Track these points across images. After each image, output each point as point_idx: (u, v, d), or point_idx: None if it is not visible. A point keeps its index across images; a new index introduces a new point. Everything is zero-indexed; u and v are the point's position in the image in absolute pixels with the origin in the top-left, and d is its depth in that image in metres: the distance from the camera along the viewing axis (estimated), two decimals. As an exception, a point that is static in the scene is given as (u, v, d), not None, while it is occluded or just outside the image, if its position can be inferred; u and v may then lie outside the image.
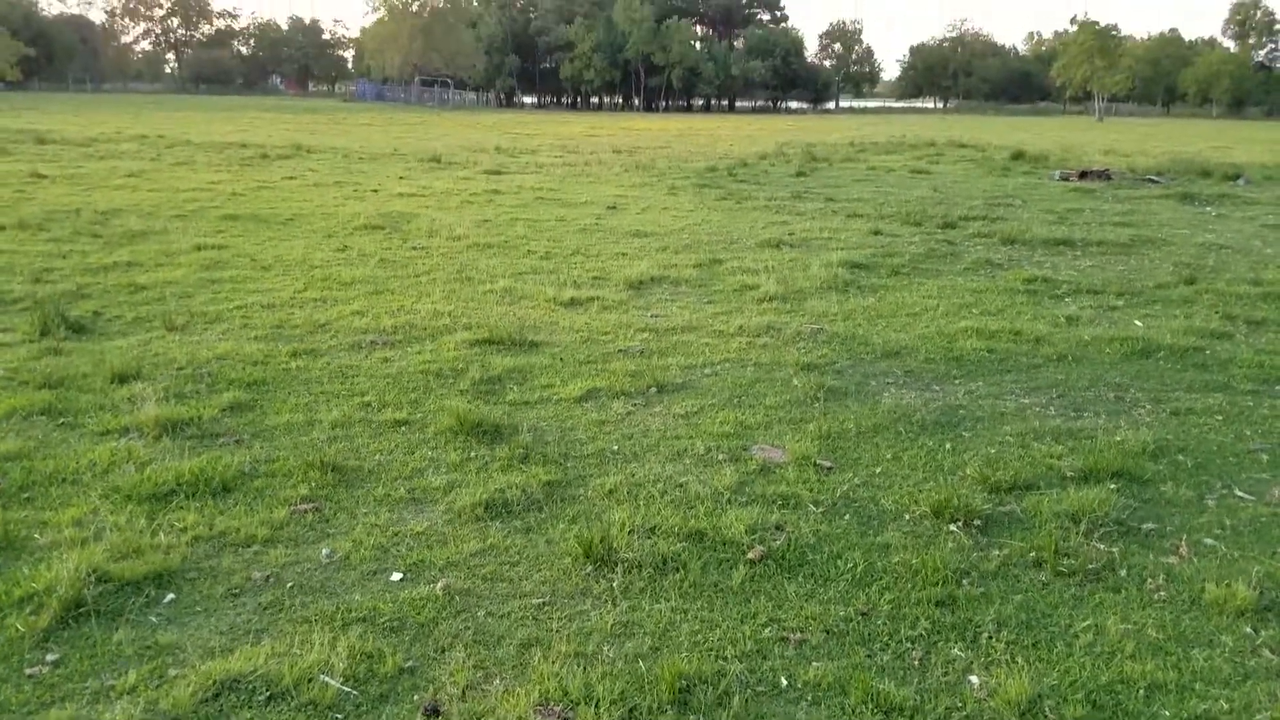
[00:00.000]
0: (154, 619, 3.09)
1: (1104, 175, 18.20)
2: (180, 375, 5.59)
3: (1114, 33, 72.35)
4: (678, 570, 3.43)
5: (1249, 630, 3.12)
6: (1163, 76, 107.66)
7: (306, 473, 4.21)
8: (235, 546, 3.59)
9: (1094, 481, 4.25)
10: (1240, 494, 4.20)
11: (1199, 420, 5.12)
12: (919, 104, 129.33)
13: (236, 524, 3.74)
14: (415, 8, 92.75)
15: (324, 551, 3.57)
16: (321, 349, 6.22)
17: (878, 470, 4.39)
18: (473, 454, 4.51)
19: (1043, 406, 5.33)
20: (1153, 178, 18.11)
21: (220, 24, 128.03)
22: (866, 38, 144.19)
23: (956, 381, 5.76)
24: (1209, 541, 3.75)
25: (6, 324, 6.65)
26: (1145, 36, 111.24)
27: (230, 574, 3.39)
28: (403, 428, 4.86)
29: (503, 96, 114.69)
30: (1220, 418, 5.16)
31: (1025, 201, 14.54)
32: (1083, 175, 18.15)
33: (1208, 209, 14.04)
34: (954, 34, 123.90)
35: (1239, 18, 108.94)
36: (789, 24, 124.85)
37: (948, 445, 4.70)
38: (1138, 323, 7.17)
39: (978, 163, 22.19)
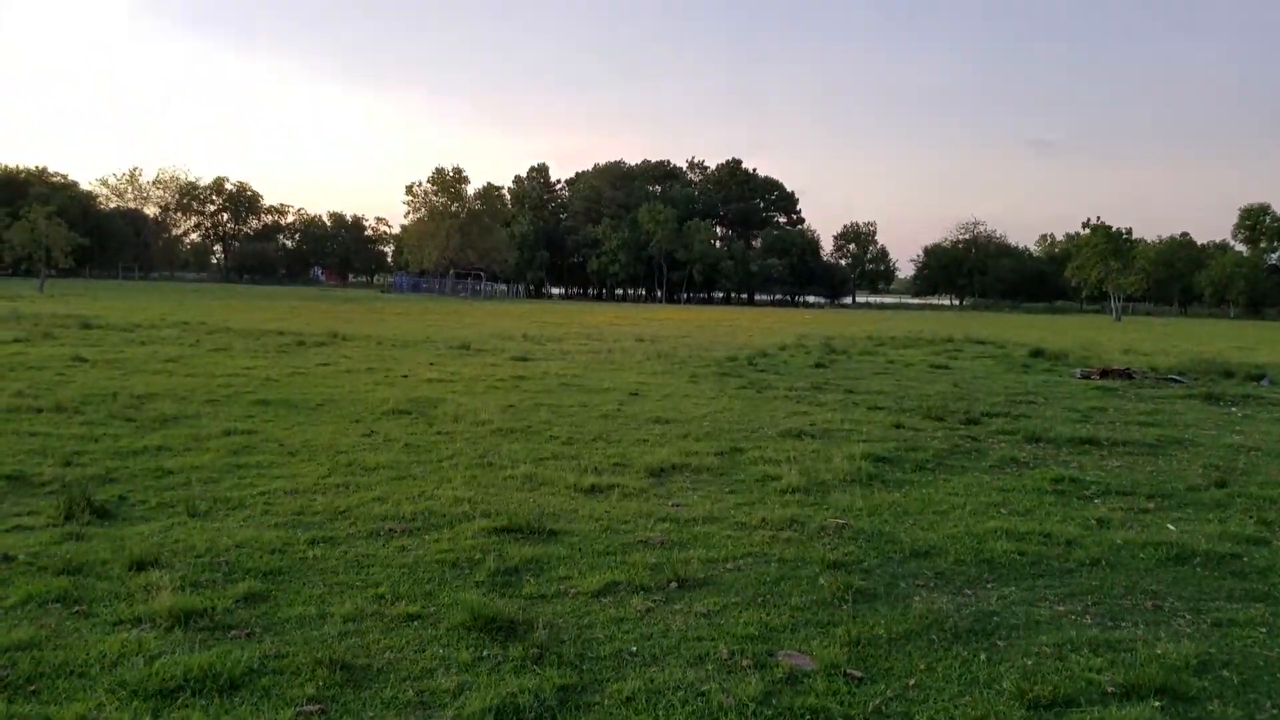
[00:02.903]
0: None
1: (1126, 374, 18.31)
2: (198, 563, 5.54)
3: (1126, 235, 74.95)
4: (699, 790, 3.22)
5: None
6: (1177, 278, 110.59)
7: (315, 670, 4.07)
8: (235, 750, 3.43)
9: (1137, 698, 4.02)
10: (1298, 716, 3.94)
11: (1242, 632, 4.89)
12: (935, 300, 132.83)
13: (239, 725, 3.59)
14: (454, 208, 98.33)
15: (327, 758, 3.39)
16: (340, 537, 6.18)
17: (911, 682, 4.18)
18: (485, 652, 4.36)
19: (1079, 615, 5.12)
20: (1175, 377, 18.21)
21: (268, 219, 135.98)
22: (880, 237, 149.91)
23: (989, 585, 5.58)
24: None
25: (33, 507, 6.69)
26: (1157, 239, 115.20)
27: (227, 782, 3.21)
28: (415, 622, 4.73)
29: (532, 288, 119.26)
30: (1264, 630, 4.93)
31: (1047, 399, 14.59)
32: (1104, 374, 18.27)
33: (1233, 409, 14.00)
34: (967, 235, 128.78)
35: (1249, 223, 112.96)
36: (805, 225, 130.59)
37: (982, 655, 4.49)
38: (1171, 526, 7.00)
39: (997, 359, 22.48)
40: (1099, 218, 76.54)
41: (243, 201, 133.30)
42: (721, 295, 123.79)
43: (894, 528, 6.73)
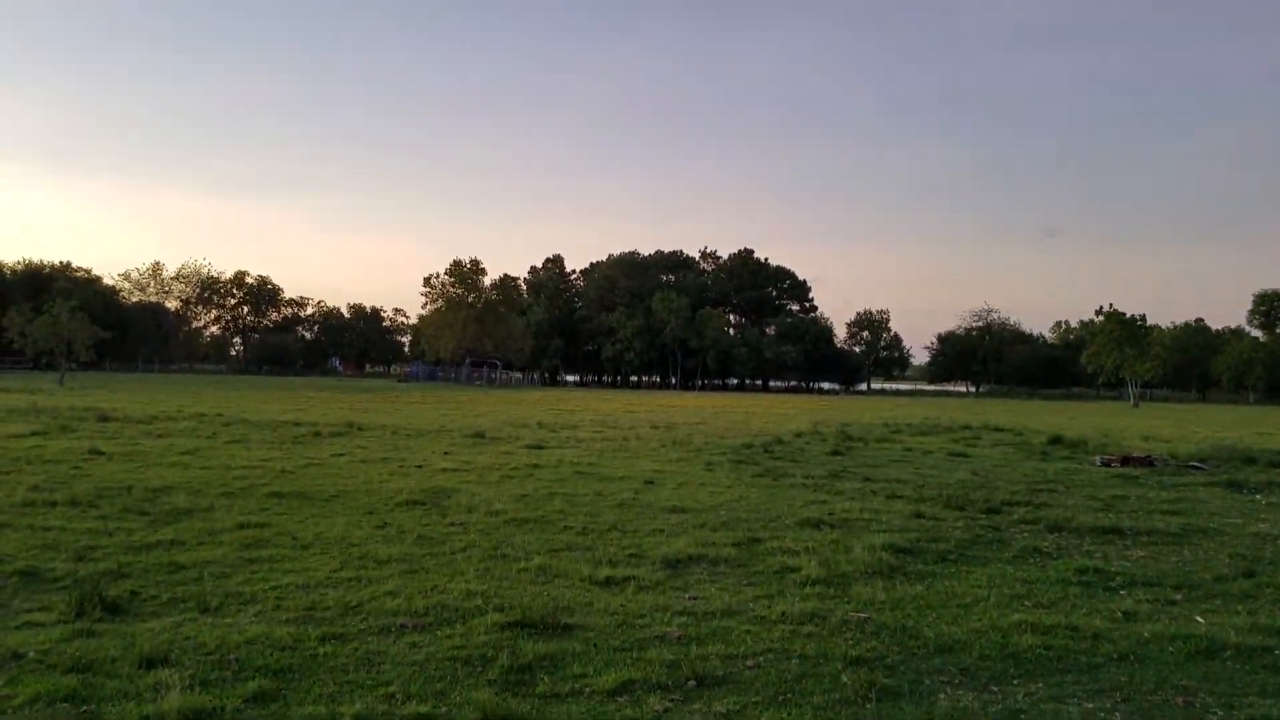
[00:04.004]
0: None
1: (1147, 462, 18.08)
2: (208, 661, 5.46)
3: (1140, 322, 74.97)
4: None
5: None
6: (1194, 364, 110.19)
7: (324, 773, 3.97)
8: None
9: (1178, 803, 3.86)
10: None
11: (1285, 731, 4.71)
12: (950, 387, 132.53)
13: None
14: (471, 299, 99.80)
15: None
16: (351, 633, 6.09)
17: (937, 784, 4.04)
18: (500, 755, 4.24)
19: (1107, 712, 4.96)
20: (1196, 464, 17.96)
21: (288, 311, 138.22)
22: (894, 325, 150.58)
23: (1015, 682, 5.42)
24: None
25: (45, 603, 6.65)
26: (1171, 325, 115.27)
27: None
28: (428, 723, 4.62)
29: (547, 375, 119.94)
30: (1309, 729, 4.74)
31: (1068, 487, 14.39)
32: (1125, 461, 18.04)
33: (1257, 497, 13.76)
34: (980, 322, 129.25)
35: (1263, 308, 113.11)
36: (818, 312, 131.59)
37: (1011, 756, 4.33)
38: (1199, 619, 6.82)
39: (1016, 446, 22.26)
40: (1111, 304, 76.80)
41: (263, 295, 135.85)
42: (736, 382, 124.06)
43: (917, 622, 6.58)
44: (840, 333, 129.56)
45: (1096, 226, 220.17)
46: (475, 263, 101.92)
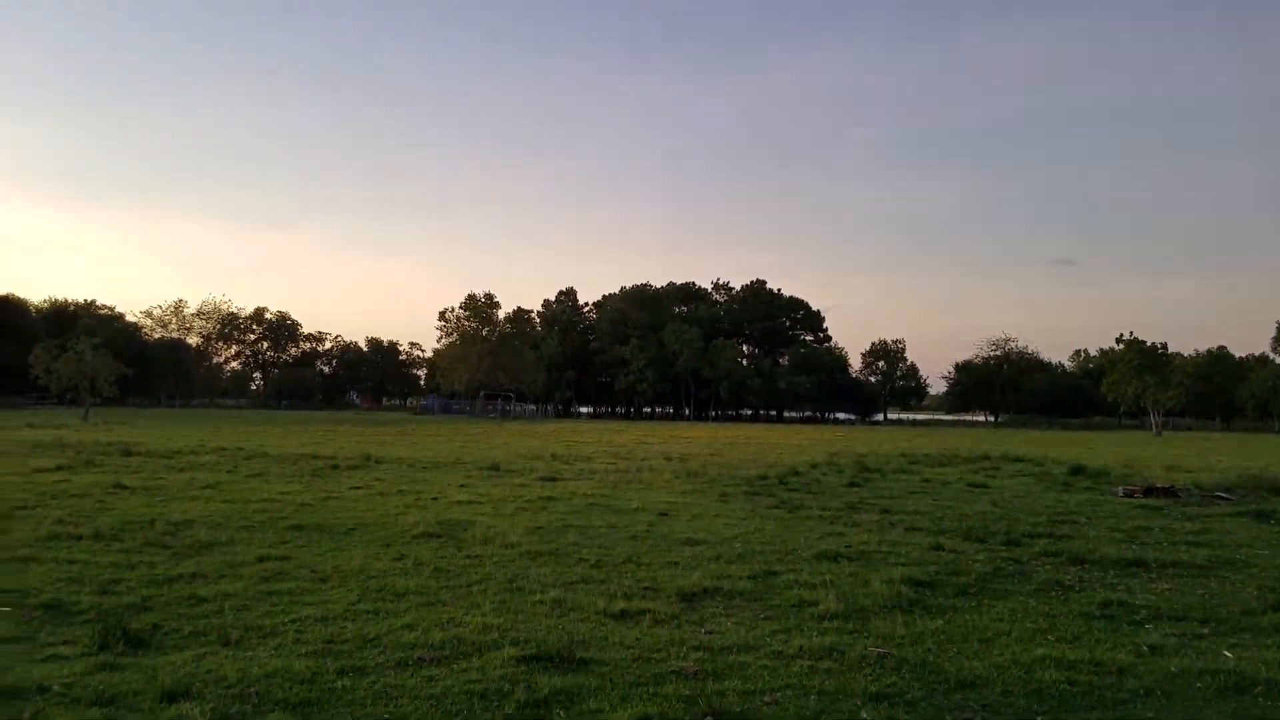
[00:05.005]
0: None
1: (1170, 492, 17.87)
2: (228, 694, 5.48)
3: (1161, 350, 74.34)
4: None
5: None
6: (1217, 391, 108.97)
7: (344, 808, 3.98)
8: None
9: (1207, 842, 3.80)
10: None
11: (1316, 768, 4.63)
12: (968, 417, 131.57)
13: None
14: (485, 332, 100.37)
15: None
16: (369, 666, 6.10)
17: (959, 822, 3.99)
18: (518, 790, 4.23)
19: (1136, 748, 4.89)
20: (1222, 494, 17.75)
21: (307, 346, 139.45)
22: (910, 354, 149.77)
23: (1039, 718, 5.36)
24: None
25: (69, 636, 6.70)
26: (1194, 353, 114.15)
27: None
28: (447, 757, 4.62)
29: (560, 407, 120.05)
30: (1340, 766, 4.66)
31: (1090, 518, 14.24)
32: (1148, 492, 17.84)
33: (1283, 526, 13.56)
34: (998, 351, 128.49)
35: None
36: (832, 342, 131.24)
37: (1035, 793, 4.28)
38: (1228, 654, 6.72)
39: (1036, 477, 22.07)
40: (1131, 333, 76.25)
41: (283, 330, 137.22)
42: (749, 412, 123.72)
43: (938, 657, 6.52)
44: (855, 362, 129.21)
45: (1112, 255, 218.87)
46: (489, 296, 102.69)
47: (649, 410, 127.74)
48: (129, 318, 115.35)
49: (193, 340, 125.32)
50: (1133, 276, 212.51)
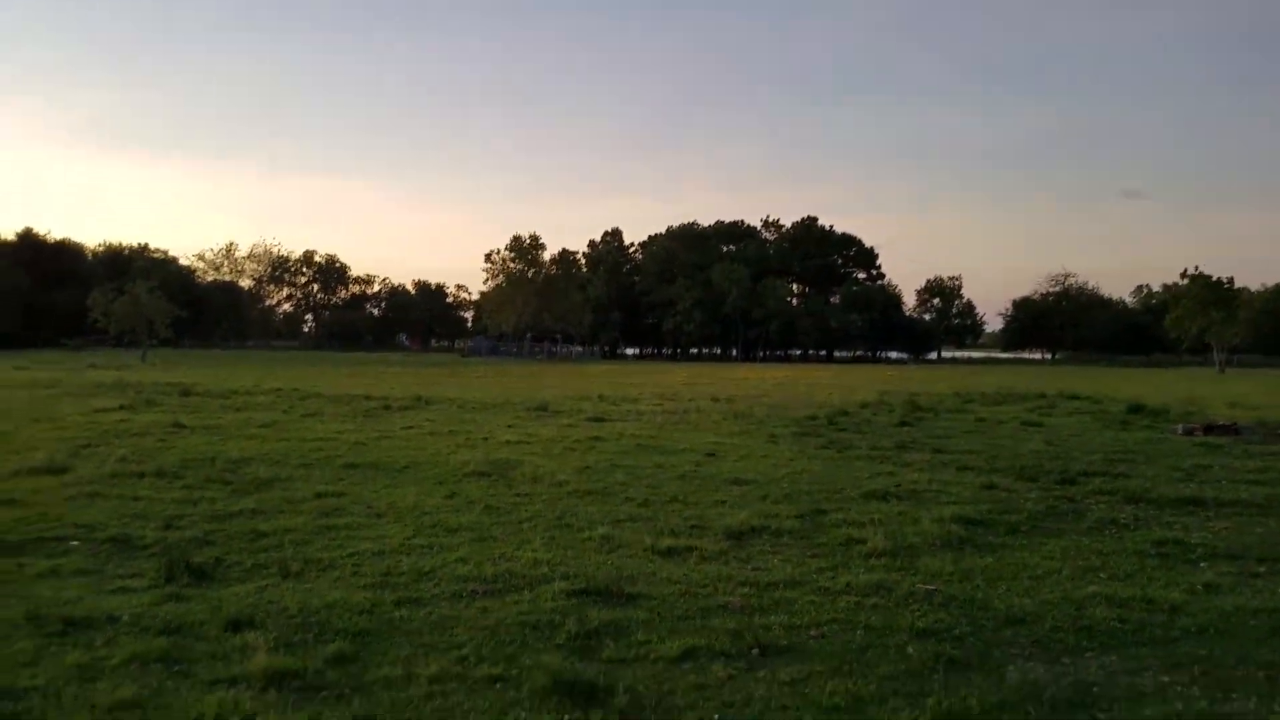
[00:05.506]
0: None
1: (1232, 430, 17.42)
2: (291, 624, 5.69)
3: (1227, 285, 71.78)
4: None
5: None
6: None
7: (401, 733, 4.12)
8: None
9: (1259, 779, 3.77)
10: None
11: (1375, 708, 4.55)
12: (1025, 355, 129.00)
13: (328, 787, 3.65)
14: (531, 274, 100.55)
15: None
16: (425, 598, 6.27)
17: (1006, 755, 4.01)
18: (567, 717, 4.36)
19: (1185, 685, 4.84)
20: (1284, 431, 17.25)
21: (356, 289, 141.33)
22: (966, 291, 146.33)
23: (1088, 654, 5.33)
24: None
25: (136, 569, 6.99)
26: (1262, 287, 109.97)
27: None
28: (498, 685, 4.76)
29: (607, 348, 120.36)
30: (1401, 706, 4.57)
31: (1148, 457, 13.97)
32: (1208, 429, 17.40)
33: (1350, 465, 13.17)
34: (1058, 287, 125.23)
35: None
36: (885, 280, 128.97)
37: (1084, 728, 4.28)
38: (1287, 591, 6.59)
39: (1094, 415, 21.63)
40: (1198, 267, 73.47)
41: (332, 273, 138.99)
42: (799, 353, 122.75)
43: (987, 594, 6.50)
44: (910, 300, 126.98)
45: (1181, 187, 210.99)
46: (535, 238, 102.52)
47: (696, 351, 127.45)
48: (182, 261, 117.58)
49: (244, 283, 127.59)
50: (1203, 210, 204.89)
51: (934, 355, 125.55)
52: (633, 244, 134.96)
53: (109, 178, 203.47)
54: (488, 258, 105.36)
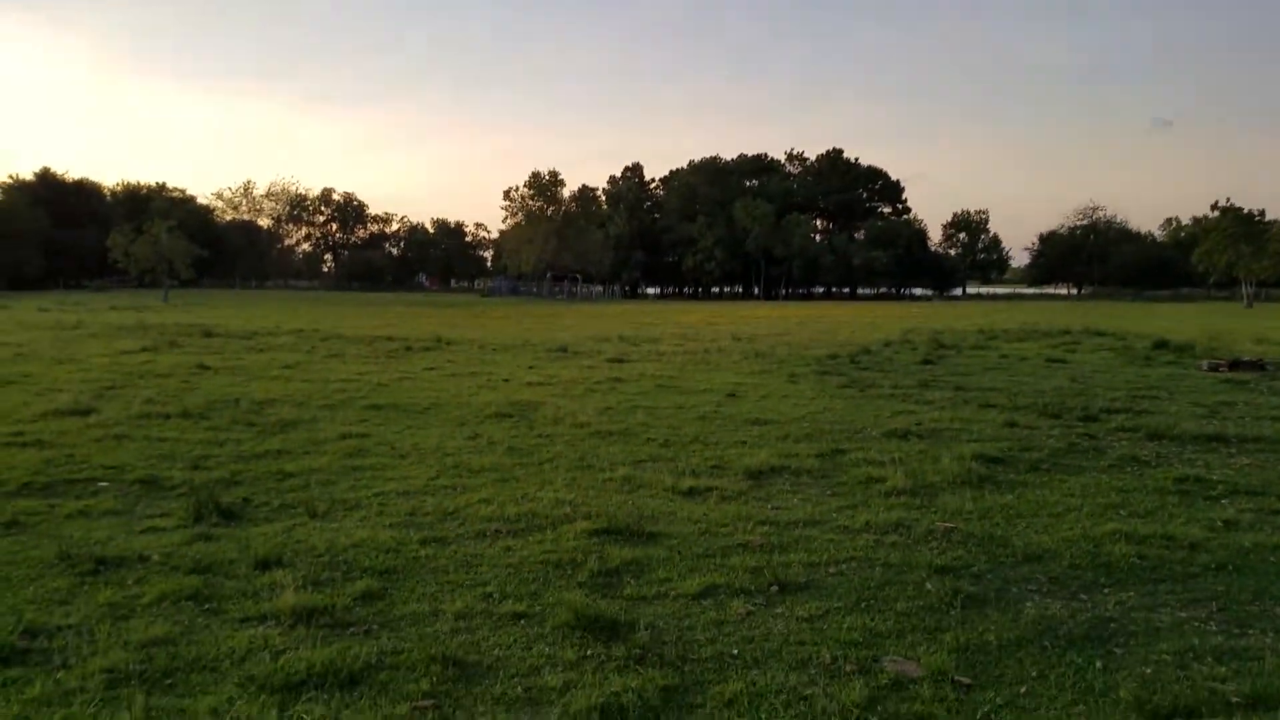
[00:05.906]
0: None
1: (1258, 365, 17.22)
2: (318, 562, 5.81)
3: (1258, 217, 70.20)
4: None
5: None
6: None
7: (429, 667, 4.24)
8: (355, 744, 3.59)
9: (1264, 709, 3.82)
10: None
11: (1394, 644, 4.56)
12: (1051, 290, 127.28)
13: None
14: (550, 212, 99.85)
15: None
16: (450, 537, 6.38)
17: (1021, 690, 4.06)
18: (589, 651, 4.44)
19: (1202, 621, 4.87)
20: (1312, 367, 17.02)
21: (374, 228, 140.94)
22: (993, 226, 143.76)
23: (1105, 591, 5.36)
24: None
25: (165, 509, 7.14)
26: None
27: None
28: (522, 621, 4.86)
29: (628, 288, 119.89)
30: None
31: (1171, 393, 13.86)
32: (1234, 365, 17.21)
33: (1379, 401, 13.01)
34: (1085, 221, 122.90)
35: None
36: (910, 215, 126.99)
37: (1098, 663, 4.32)
38: (1309, 528, 6.57)
39: (1118, 351, 21.43)
40: (1229, 199, 71.73)
41: (350, 211, 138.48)
42: (822, 290, 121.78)
43: (1005, 531, 6.53)
44: (935, 235, 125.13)
45: (1213, 116, 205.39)
46: (554, 175, 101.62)
47: (718, 290, 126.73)
48: (200, 200, 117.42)
49: (263, 222, 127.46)
50: (1234, 138, 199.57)
51: (959, 292, 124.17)
52: (653, 180, 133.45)
53: (122, 108, 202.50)
54: (506, 195, 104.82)
